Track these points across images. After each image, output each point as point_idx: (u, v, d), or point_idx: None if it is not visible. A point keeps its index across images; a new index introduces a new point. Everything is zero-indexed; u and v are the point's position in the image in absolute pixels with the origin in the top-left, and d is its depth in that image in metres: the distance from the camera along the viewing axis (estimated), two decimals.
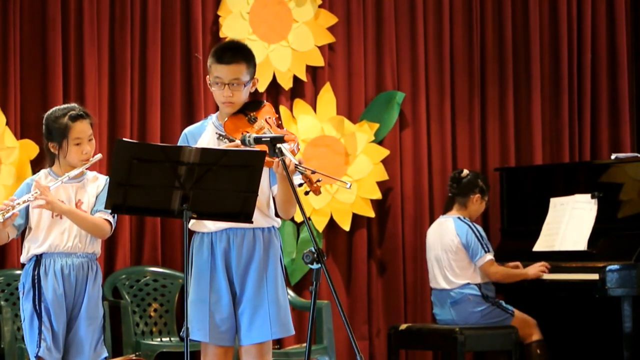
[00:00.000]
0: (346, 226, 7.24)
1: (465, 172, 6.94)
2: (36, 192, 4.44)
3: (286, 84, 7.17)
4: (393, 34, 7.49)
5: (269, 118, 4.26)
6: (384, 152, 7.34)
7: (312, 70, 7.30)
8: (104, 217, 4.56)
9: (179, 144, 4.28)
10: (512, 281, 6.74)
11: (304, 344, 6.60)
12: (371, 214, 7.30)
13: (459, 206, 6.86)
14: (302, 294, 6.99)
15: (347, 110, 7.37)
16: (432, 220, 7.28)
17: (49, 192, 4.45)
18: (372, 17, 7.47)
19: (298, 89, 7.25)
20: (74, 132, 4.56)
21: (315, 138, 7.20)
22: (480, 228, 6.79)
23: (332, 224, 7.23)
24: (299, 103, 7.21)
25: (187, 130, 4.40)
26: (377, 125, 7.33)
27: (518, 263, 6.80)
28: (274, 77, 7.13)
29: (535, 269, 6.68)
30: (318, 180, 3.97)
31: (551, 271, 6.69)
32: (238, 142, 4.07)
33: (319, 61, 7.27)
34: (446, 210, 6.95)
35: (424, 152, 7.51)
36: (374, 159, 7.29)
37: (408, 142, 7.50)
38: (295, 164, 3.94)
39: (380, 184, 7.33)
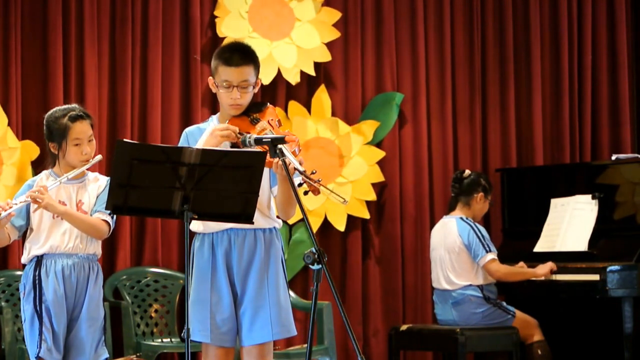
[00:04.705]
0: (341, 227, 7.23)
1: (468, 172, 6.94)
2: (33, 192, 4.43)
3: (293, 79, 7.12)
4: (393, 34, 7.48)
5: (272, 120, 4.24)
6: (380, 154, 7.32)
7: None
8: (102, 218, 4.55)
9: (179, 144, 4.27)
10: (517, 280, 6.71)
11: (304, 345, 6.60)
12: (366, 214, 7.29)
13: (462, 206, 6.84)
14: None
15: (345, 111, 7.36)
16: (432, 221, 7.28)
17: (46, 192, 4.44)
18: (372, 17, 7.46)
19: (293, 91, 7.23)
20: (73, 132, 4.56)
21: (310, 140, 7.19)
22: (482, 228, 6.77)
23: (326, 224, 7.22)
24: (293, 105, 7.19)
25: (188, 130, 4.38)
26: (375, 127, 7.32)
27: (522, 263, 6.79)
28: (276, 76, 7.10)
29: (545, 269, 6.66)
30: (317, 180, 3.96)
31: (553, 272, 6.68)
32: (234, 128, 4.06)
33: (326, 57, 7.24)
34: (450, 210, 6.94)
35: (424, 153, 7.50)
36: (369, 160, 7.28)
37: (408, 143, 7.49)
38: (296, 167, 3.92)
39: (379, 185, 7.32)
